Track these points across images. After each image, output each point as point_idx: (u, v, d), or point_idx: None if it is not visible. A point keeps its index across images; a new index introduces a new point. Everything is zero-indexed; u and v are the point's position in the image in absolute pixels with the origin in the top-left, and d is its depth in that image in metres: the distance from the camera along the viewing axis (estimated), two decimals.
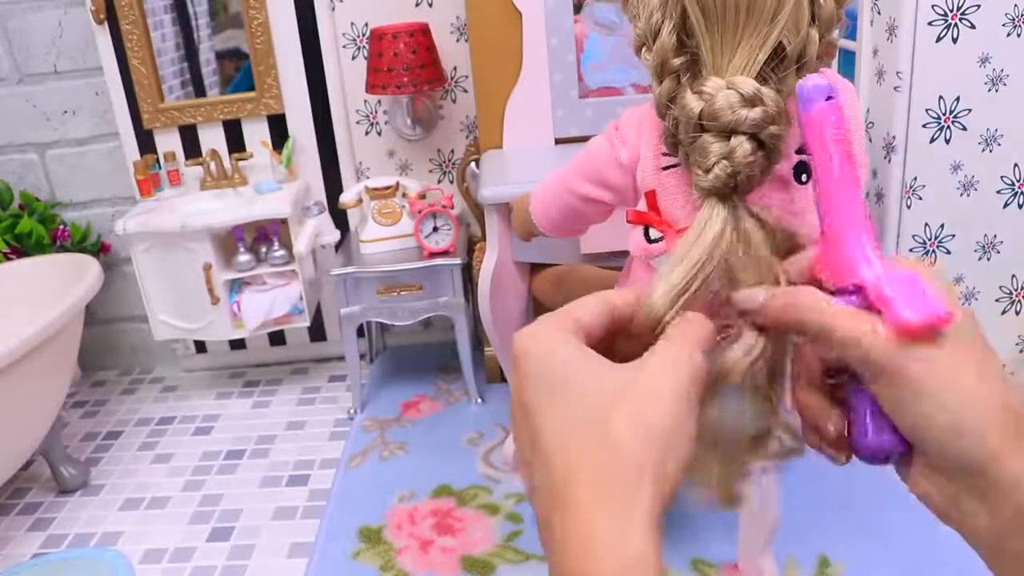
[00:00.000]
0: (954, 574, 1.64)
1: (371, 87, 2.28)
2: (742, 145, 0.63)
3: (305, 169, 2.53)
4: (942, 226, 1.97)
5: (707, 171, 0.62)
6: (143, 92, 2.42)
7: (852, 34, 2.03)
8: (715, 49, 0.72)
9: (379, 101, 2.48)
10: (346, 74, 2.44)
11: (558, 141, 2.06)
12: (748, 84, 0.66)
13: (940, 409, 0.38)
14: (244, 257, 2.35)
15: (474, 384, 2.39)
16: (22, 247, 2.41)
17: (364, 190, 2.33)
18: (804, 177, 1.13)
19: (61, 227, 2.52)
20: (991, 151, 1.91)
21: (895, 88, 1.88)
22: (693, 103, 0.66)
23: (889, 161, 1.94)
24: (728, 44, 0.71)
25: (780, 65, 0.74)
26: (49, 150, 2.59)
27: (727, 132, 0.64)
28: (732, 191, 0.61)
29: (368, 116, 2.50)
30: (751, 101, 0.65)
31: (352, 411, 2.41)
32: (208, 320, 2.37)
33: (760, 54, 0.70)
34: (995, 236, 1.98)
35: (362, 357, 2.62)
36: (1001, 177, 1.93)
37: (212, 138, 2.50)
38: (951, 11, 1.78)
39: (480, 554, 1.81)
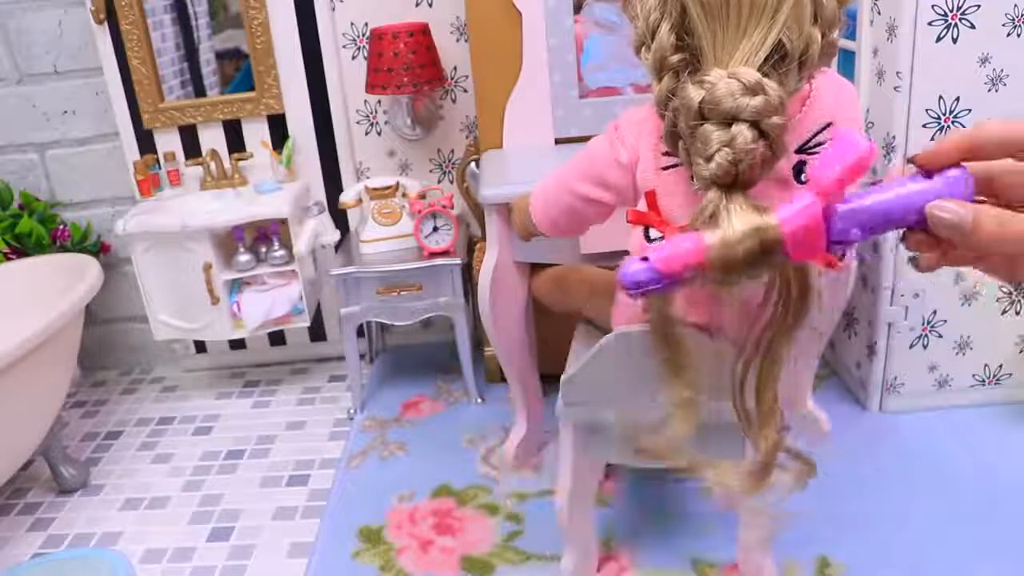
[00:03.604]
0: (954, 573, 1.64)
1: (371, 87, 2.28)
2: (743, 133, 0.63)
3: (305, 169, 2.53)
4: None
5: (708, 159, 0.62)
6: (143, 92, 2.42)
7: (852, 34, 2.03)
8: (716, 45, 0.72)
9: (379, 101, 2.48)
10: (346, 74, 2.44)
11: (558, 141, 2.06)
12: (750, 73, 0.66)
13: None
14: (244, 257, 2.35)
15: (474, 384, 2.39)
16: (22, 247, 2.41)
17: (364, 190, 2.33)
18: (804, 177, 1.13)
19: (61, 227, 2.52)
20: None
21: (895, 88, 1.88)
22: (694, 92, 0.66)
23: (889, 161, 1.94)
24: (730, 40, 0.71)
25: (781, 62, 0.74)
26: (49, 150, 2.59)
27: (728, 120, 0.64)
28: (734, 180, 0.60)
29: (368, 116, 2.50)
30: (752, 90, 0.65)
31: (352, 411, 2.41)
32: (208, 320, 2.37)
33: (761, 51, 0.70)
34: None
35: (362, 357, 2.62)
36: None
37: (212, 138, 2.50)
38: (951, 11, 1.78)
39: (480, 554, 1.81)
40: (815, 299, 0.56)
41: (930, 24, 1.80)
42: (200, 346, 2.78)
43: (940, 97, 1.86)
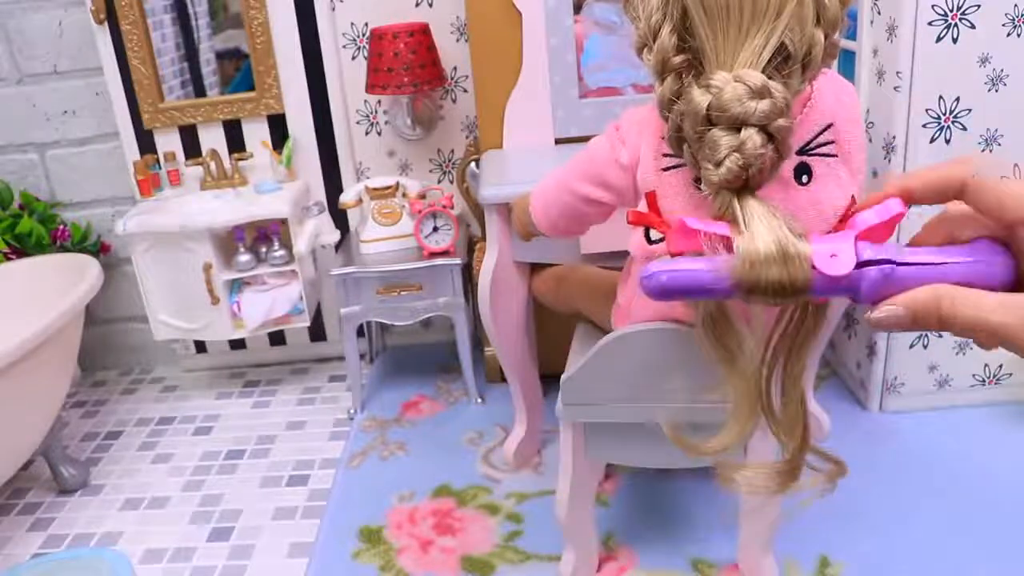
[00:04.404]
0: (954, 574, 1.64)
1: (371, 87, 2.28)
2: (752, 137, 0.63)
3: (305, 169, 2.53)
4: None
5: (718, 164, 0.62)
6: (143, 92, 2.42)
7: (852, 34, 2.03)
8: (719, 47, 0.71)
9: (379, 101, 2.48)
10: (346, 74, 2.44)
11: (558, 141, 2.06)
12: (756, 77, 0.66)
13: None
14: (244, 257, 2.35)
15: (474, 384, 2.39)
16: (22, 247, 2.41)
17: (364, 190, 2.33)
18: (804, 178, 1.13)
19: (61, 227, 2.52)
20: (991, 151, 1.91)
21: (895, 88, 1.88)
22: (700, 97, 0.66)
23: (889, 161, 1.94)
24: (732, 42, 0.71)
25: (784, 64, 0.74)
26: (49, 150, 2.59)
27: (736, 125, 0.64)
28: (744, 185, 0.60)
29: (368, 116, 2.50)
30: (759, 93, 0.64)
31: (352, 411, 2.41)
32: (208, 320, 2.37)
33: (764, 52, 0.70)
34: None
35: (362, 357, 2.62)
36: (1001, 178, 1.93)
37: (212, 138, 2.50)
38: (951, 11, 1.78)
39: (480, 554, 1.81)
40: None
41: (930, 24, 1.80)
42: (200, 346, 2.78)
43: (940, 97, 1.86)
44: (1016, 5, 1.78)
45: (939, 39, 1.81)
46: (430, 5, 2.36)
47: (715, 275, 0.49)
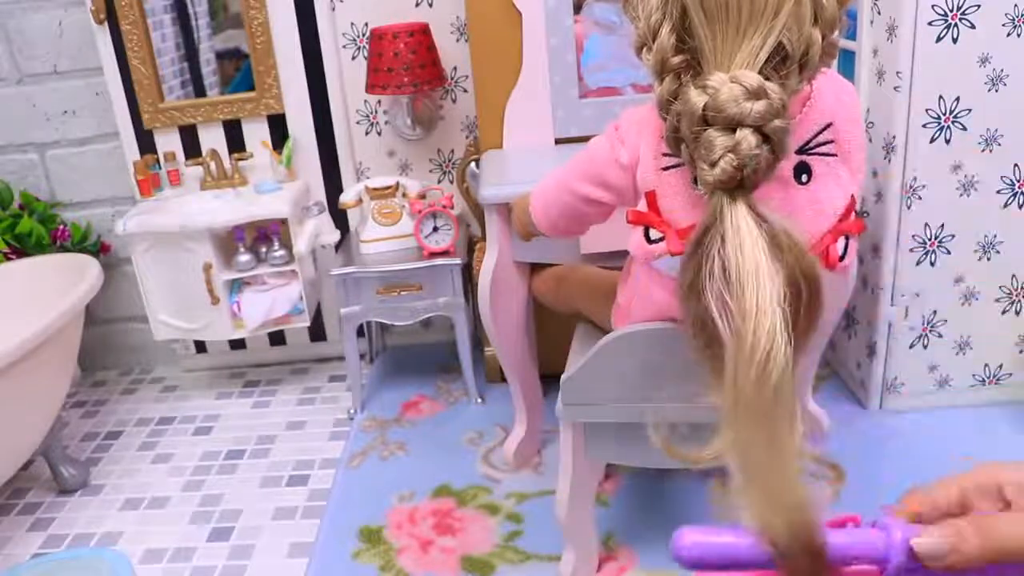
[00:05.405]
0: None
1: (371, 87, 2.28)
2: (747, 138, 0.63)
3: (305, 169, 2.53)
4: (942, 226, 1.97)
5: (713, 165, 0.62)
6: (143, 92, 2.42)
7: (852, 34, 2.03)
8: (717, 47, 0.72)
9: (379, 101, 2.48)
10: (346, 74, 2.44)
11: (558, 141, 2.06)
12: (752, 77, 0.66)
13: None
14: (244, 257, 2.35)
15: (474, 384, 2.39)
16: (22, 247, 2.41)
17: (364, 190, 2.33)
18: (804, 178, 1.13)
19: (61, 227, 2.52)
20: (991, 151, 1.91)
21: (895, 88, 1.88)
22: (696, 97, 0.66)
23: (889, 161, 1.94)
24: (730, 42, 0.71)
25: (782, 65, 0.74)
26: (49, 150, 2.59)
27: (732, 126, 0.64)
28: (739, 185, 0.61)
29: (368, 116, 2.50)
30: (755, 94, 0.65)
31: (352, 411, 2.41)
32: (208, 320, 2.37)
33: (762, 53, 0.70)
34: (995, 236, 1.98)
35: (362, 357, 2.62)
36: (1001, 177, 1.93)
37: (212, 138, 2.50)
38: (951, 11, 1.78)
39: (480, 554, 1.81)
40: (825, 302, 0.56)
41: (930, 24, 1.80)
42: (200, 346, 2.78)
43: (940, 97, 1.86)
44: (1016, 5, 1.78)
45: (939, 39, 1.81)
46: (430, 5, 2.36)
47: (748, 548, 0.47)
